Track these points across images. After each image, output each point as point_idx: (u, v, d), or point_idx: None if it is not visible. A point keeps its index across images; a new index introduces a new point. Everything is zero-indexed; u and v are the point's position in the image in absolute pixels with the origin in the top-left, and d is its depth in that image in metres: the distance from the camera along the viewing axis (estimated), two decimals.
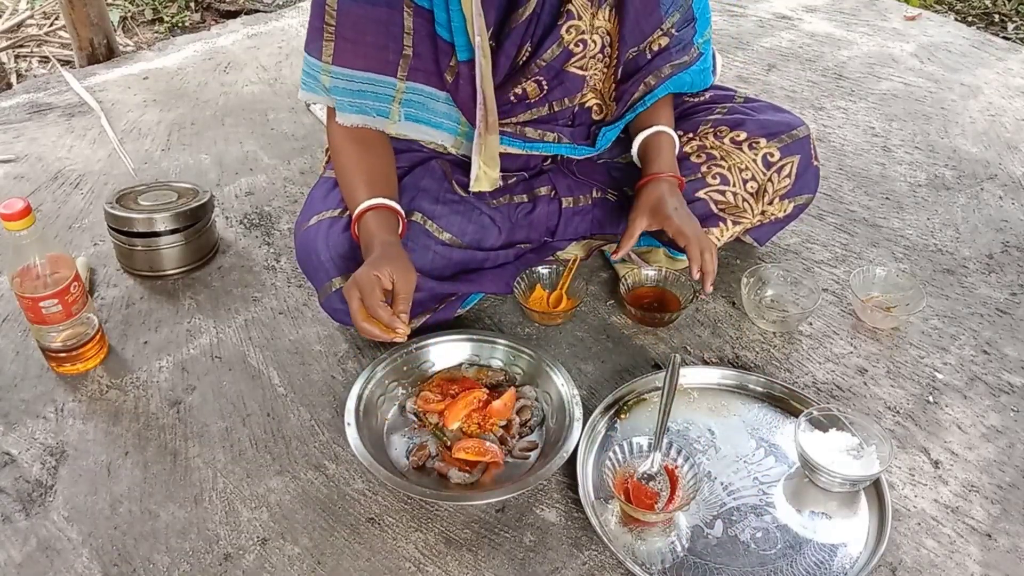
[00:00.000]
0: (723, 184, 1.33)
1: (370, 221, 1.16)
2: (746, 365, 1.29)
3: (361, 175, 1.20)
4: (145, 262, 1.43)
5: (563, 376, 1.19)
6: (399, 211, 1.19)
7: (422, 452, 1.11)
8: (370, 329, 1.06)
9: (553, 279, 1.37)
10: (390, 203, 1.18)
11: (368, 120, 1.22)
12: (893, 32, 2.40)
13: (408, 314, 1.08)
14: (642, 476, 1.06)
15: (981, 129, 1.93)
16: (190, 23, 2.80)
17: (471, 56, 1.17)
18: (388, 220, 1.17)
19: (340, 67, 1.18)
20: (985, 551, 1.03)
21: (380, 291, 1.06)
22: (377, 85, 1.20)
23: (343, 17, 1.15)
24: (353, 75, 1.18)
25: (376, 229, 1.15)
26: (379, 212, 1.17)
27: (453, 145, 1.29)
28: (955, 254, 1.54)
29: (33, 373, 1.26)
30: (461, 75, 1.19)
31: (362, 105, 1.21)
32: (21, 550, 1.02)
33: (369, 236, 1.15)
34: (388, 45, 1.17)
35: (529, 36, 1.21)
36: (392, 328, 1.05)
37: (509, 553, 1.02)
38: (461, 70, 1.19)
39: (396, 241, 1.15)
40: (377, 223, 1.15)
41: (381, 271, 1.07)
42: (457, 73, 1.19)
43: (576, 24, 1.21)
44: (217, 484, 1.10)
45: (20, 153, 1.80)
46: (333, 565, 1.00)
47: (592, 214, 1.38)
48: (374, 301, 1.05)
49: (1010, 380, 1.27)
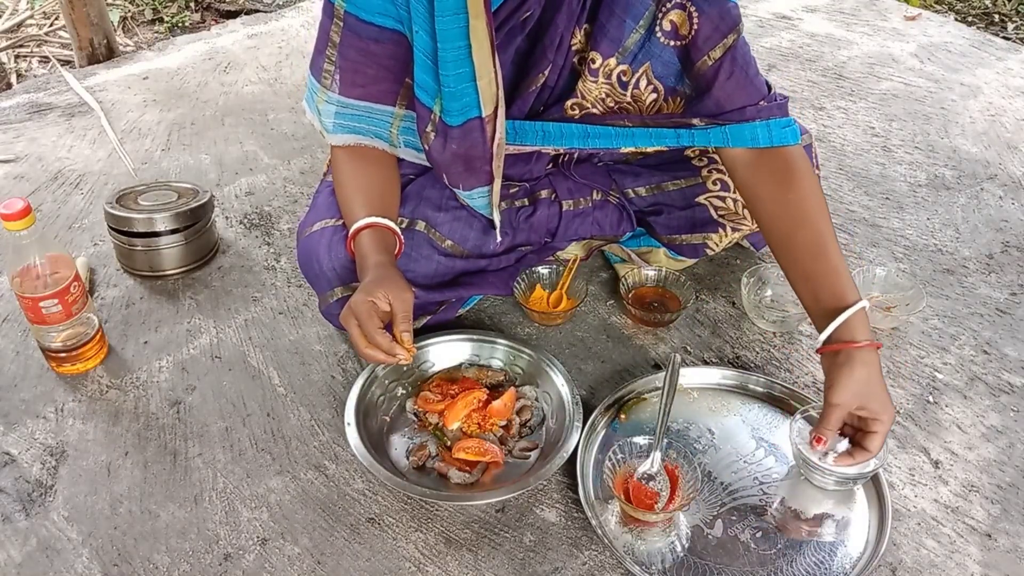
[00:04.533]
0: (723, 190, 1.32)
1: (364, 241, 1.12)
2: (746, 365, 1.29)
3: (359, 191, 1.16)
4: (145, 262, 1.43)
5: (563, 376, 1.19)
6: (395, 230, 1.15)
7: (422, 452, 1.11)
8: (373, 355, 1.02)
9: (553, 279, 1.37)
10: (385, 222, 1.13)
11: (363, 140, 1.18)
12: (893, 32, 2.40)
13: (410, 333, 1.04)
14: (642, 476, 1.06)
15: (981, 129, 1.93)
16: (190, 23, 2.80)
17: (461, 123, 1.08)
18: (383, 239, 1.13)
19: (340, 96, 1.14)
20: (985, 551, 1.03)
21: (377, 317, 1.02)
22: (374, 113, 1.16)
23: (345, 49, 1.10)
24: (349, 103, 1.14)
25: (369, 250, 1.11)
26: (375, 231, 1.13)
27: None
28: (955, 254, 1.54)
29: (33, 373, 1.26)
30: (449, 137, 1.10)
31: (356, 128, 1.17)
32: (21, 550, 1.02)
33: (363, 257, 1.11)
34: (388, 77, 1.13)
35: (541, 102, 1.18)
36: (392, 353, 1.02)
37: (509, 553, 1.02)
38: (451, 133, 1.09)
39: (390, 261, 1.11)
40: (371, 243, 1.11)
41: (376, 296, 1.03)
42: (445, 136, 1.10)
43: (580, 103, 1.18)
44: (217, 484, 1.10)
45: (20, 153, 1.80)
46: (333, 565, 1.01)
47: (592, 216, 1.38)
48: (371, 328, 1.01)
49: (1010, 380, 1.27)
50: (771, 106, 1.13)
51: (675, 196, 1.35)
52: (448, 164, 1.15)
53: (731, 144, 1.14)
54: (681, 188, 1.34)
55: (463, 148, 1.11)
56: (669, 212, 1.35)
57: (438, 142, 1.12)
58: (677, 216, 1.35)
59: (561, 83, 1.18)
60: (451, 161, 1.14)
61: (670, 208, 1.35)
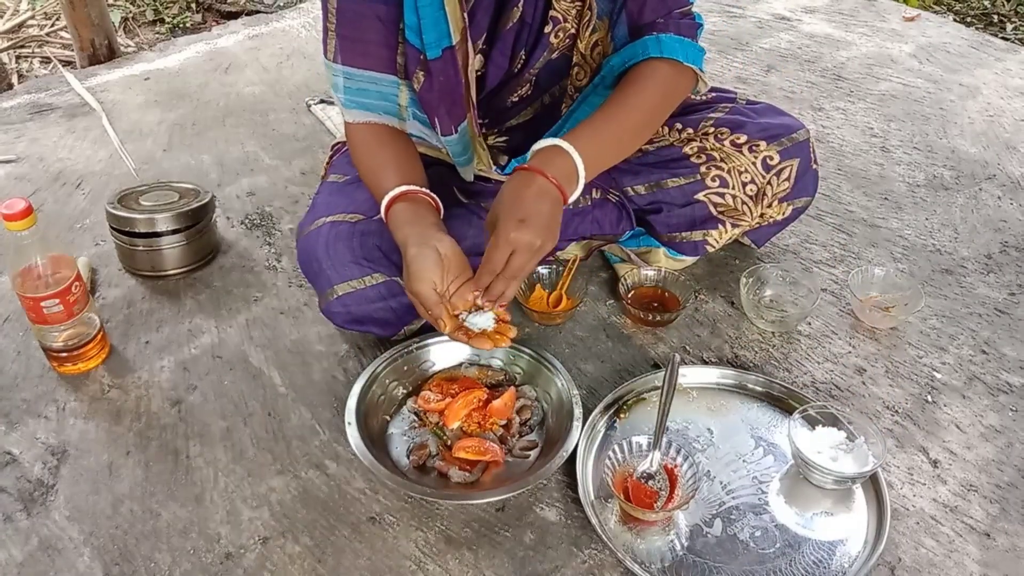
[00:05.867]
0: (722, 187, 1.33)
1: (399, 215, 1.11)
2: (745, 365, 1.29)
3: (384, 165, 1.17)
4: (146, 262, 1.44)
5: (563, 376, 1.19)
6: (430, 195, 1.14)
7: (422, 451, 1.11)
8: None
9: (553, 279, 1.37)
10: (419, 189, 1.14)
11: (372, 116, 1.20)
12: (892, 33, 2.41)
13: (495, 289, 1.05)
14: (641, 475, 1.06)
15: (980, 129, 1.93)
16: (191, 24, 2.80)
17: (440, 53, 1.13)
18: (416, 209, 1.12)
19: (343, 65, 1.17)
20: (984, 550, 1.04)
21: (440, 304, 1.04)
22: (380, 84, 1.19)
23: (341, 15, 1.14)
24: (354, 73, 1.18)
25: (402, 221, 1.10)
26: (408, 201, 1.12)
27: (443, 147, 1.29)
28: (954, 254, 1.54)
29: (35, 373, 1.26)
30: (433, 71, 1.14)
31: (365, 103, 1.20)
32: (23, 549, 1.03)
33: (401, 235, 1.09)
34: (387, 42, 1.16)
35: (522, 44, 1.21)
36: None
37: (509, 552, 1.02)
38: (433, 67, 1.14)
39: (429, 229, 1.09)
40: (406, 213, 1.11)
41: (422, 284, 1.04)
42: (429, 71, 1.15)
43: (564, 27, 1.21)
44: (218, 483, 1.10)
45: (21, 153, 1.80)
46: (334, 564, 1.01)
47: (592, 215, 1.38)
48: (438, 313, 1.04)
49: (1008, 380, 1.28)
50: (677, 22, 1.16)
51: (674, 193, 1.35)
52: (437, 104, 1.18)
53: (631, 60, 1.16)
54: (680, 185, 1.35)
55: (444, 81, 1.15)
56: (668, 210, 1.36)
57: (427, 82, 1.16)
58: (677, 214, 1.36)
59: (537, 16, 1.20)
60: (439, 100, 1.17)
61: (669, 206, 1.36)
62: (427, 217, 1.11)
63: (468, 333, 1.07)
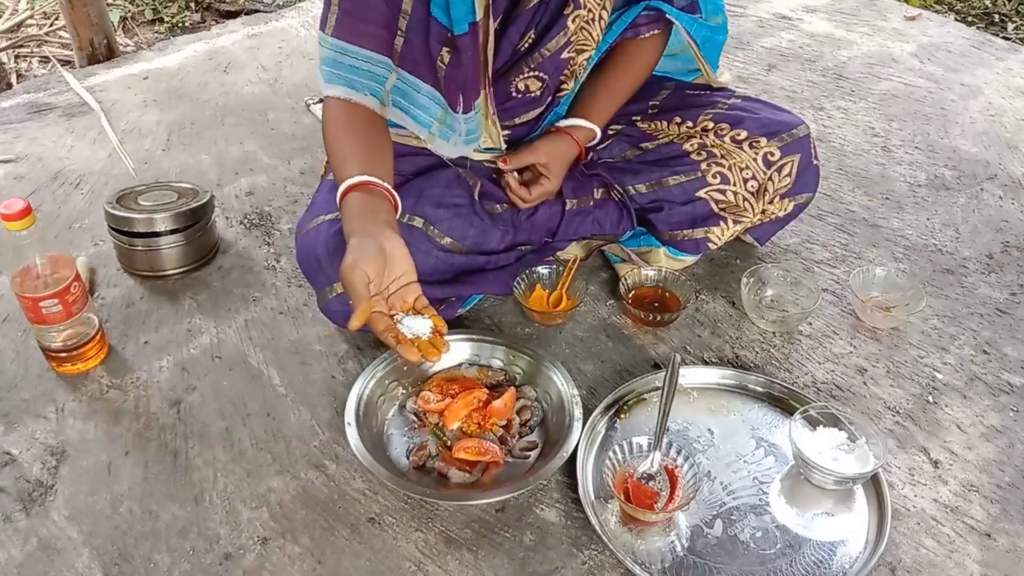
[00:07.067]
0: (723, 183, 1.33)
1: (351, 205, 1.06)
2: (746, 365, 1.29)
3: (353, 148, 1.14)
4: (145, 262, 1.43)
5: (563, 376, 1.19)
6: (388, 190, 1.10)
7: (422, 452, 1.11)
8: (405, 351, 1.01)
9: (553, 279, 1.37)
10: (377, 181, 1.08)
11: (354, 95, 1.17)
12: (893, 32, 2.40)
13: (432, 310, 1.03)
14: (642, 476, 1.06)
15: (981, 129, 1.93)
16: (190, 23, 2.80)
17: (467, 29, 1.13)
18: (371, 203, 1.07)
19: (338, 39, 1.16)
20: (985, 551, 1.03)
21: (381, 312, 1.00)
22: (373, 64, 1.17)
23: None
24: (348, 49, 1.16)
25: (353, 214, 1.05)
26: (364, 192, 1.07)
27: (427, 139, 1.27)
28: (955, 254, 1.54)
29: (33, 373, 1.26)
30: (461, 47, 1.14)
31: (352, 80, 1.17)
32: (22, 549, 1.02)
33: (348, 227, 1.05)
34: (388, 24, 1.16)
35: (535, 23, 1.21)
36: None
37: (509, 552, 1.02)
38: (460, 43, 1.14)
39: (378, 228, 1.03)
40: (359, 206, 1.06)
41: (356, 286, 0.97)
42: (456, 48, 1.15)
43: (581, 13, 1.21)
44: (218, 484, 1.10)
45: (20, 153, 1.80)
46: (333, 564, 1.01)
47: (593, 215, 1.38)
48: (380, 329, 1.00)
49: (1010, 380, 1.28)
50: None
51: (675, 192, 1.35)
52: (462, 82, 1.19)
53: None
54: (681, 183, 1.35)
55: (470, 57, 1.17)
56: (670, 208, 1.36)
57: (453, 58, 1.17)
58: (678, 212, 1.36)
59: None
60: (464, 78, 1.19)
61: (671, 204, 1.36)
62: (380, 213, 1.06)
63: (398, 337, 1.00)
